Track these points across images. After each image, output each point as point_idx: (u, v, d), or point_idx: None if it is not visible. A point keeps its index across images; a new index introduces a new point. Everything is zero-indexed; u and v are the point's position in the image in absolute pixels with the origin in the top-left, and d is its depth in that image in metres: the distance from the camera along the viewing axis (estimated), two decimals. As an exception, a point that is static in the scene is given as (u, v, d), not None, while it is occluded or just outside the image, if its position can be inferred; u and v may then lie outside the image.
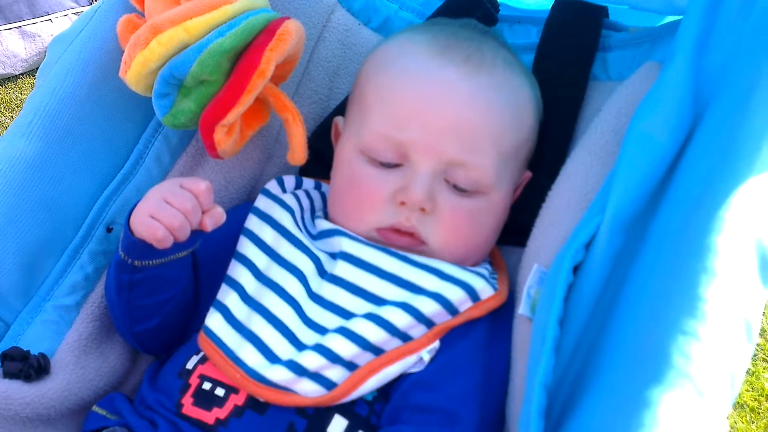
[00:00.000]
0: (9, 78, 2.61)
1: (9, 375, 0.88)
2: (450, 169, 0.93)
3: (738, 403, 1.76)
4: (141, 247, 0.87)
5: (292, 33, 0.93)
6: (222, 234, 0.91)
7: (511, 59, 1.00)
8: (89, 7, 2.67)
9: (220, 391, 0.87)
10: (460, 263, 0.94)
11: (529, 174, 1.03)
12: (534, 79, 1.03)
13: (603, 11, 1.09)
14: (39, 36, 2.59)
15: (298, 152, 1.00)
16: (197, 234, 0.88)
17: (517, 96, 0.98)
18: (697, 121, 0.83)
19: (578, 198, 0.88)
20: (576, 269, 0.81)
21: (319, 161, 1.07)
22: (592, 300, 0.79)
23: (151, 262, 0.88)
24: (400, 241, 0.94)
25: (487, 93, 0.95)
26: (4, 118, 2.49)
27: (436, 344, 0.88)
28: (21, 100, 2.54)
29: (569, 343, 0.79)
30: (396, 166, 0.94)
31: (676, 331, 0.69)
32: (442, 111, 0.93)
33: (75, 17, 2.67)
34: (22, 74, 2.62)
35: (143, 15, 0.98)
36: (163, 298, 0.92)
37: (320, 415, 0.85)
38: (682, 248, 0.74)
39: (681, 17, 0.90)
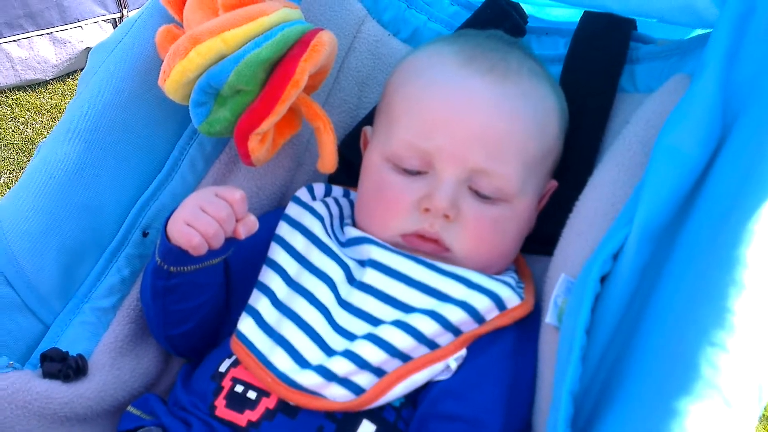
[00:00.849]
0: (39, 83, 2.64)
1: (48, 375, 0.90)
2: (474, 177, 0.94)
3: (764, 415, 1.75)
4: (176, 254, 0.88)
5: (325, 44, 0.95)
6: (253, 240, 0.92)
7: (536, 69, 1.01)
8: (119, 14, 2.71)
9: (252, 394, 0.88)
10: (484, 270, 0.95)
11: (554, 183, 1.03)
12: (560, 89, 1.04)
13: (631, 24, 1.09)
14: (69, 42, 2.62)
15: (328, 160, 1.01)
16: (231, 241, 0.90)
17: (543, 105, 0.99)
18: (725, 133, 0.82)
19: (606, 209, 0.88)
20: (603, 279, 0.81)
21: (348, 170, 1.08)
22: (619, 310, 0.80)
23: (185, 269, 0.90)
24: (424, 246, 0.95)
25: (512, 102, 0.95)
26: (33, 122, 2.52)
27: (463, 352, 0.89)
28: (51, 105, 2.57)
29: (596, 352, 0.79)
30: (421, 173, 0.95)
31: (704, 342, 0.69)
32: (468, 120, 0.94)
33: (105, 24, 2.70)
34: (51, 80, 2.65)
35: (181, 25, 1.00)
36: (197, 303, 0.94)
37: (349, 419, 0.86)
38: (711, 260, 0.74)
39: (710, 30, 0.90)
